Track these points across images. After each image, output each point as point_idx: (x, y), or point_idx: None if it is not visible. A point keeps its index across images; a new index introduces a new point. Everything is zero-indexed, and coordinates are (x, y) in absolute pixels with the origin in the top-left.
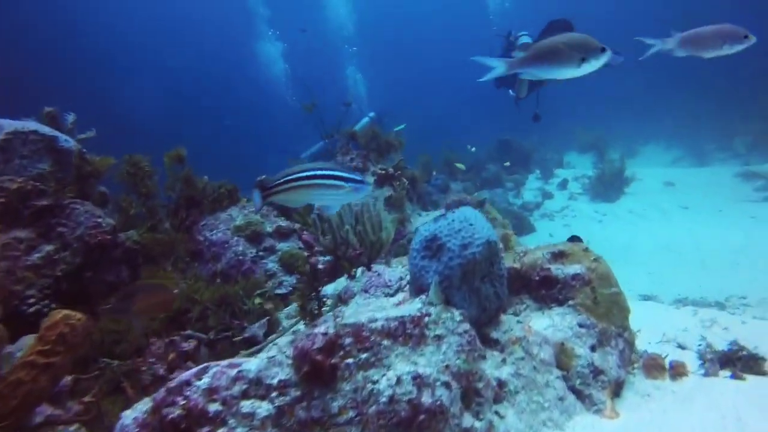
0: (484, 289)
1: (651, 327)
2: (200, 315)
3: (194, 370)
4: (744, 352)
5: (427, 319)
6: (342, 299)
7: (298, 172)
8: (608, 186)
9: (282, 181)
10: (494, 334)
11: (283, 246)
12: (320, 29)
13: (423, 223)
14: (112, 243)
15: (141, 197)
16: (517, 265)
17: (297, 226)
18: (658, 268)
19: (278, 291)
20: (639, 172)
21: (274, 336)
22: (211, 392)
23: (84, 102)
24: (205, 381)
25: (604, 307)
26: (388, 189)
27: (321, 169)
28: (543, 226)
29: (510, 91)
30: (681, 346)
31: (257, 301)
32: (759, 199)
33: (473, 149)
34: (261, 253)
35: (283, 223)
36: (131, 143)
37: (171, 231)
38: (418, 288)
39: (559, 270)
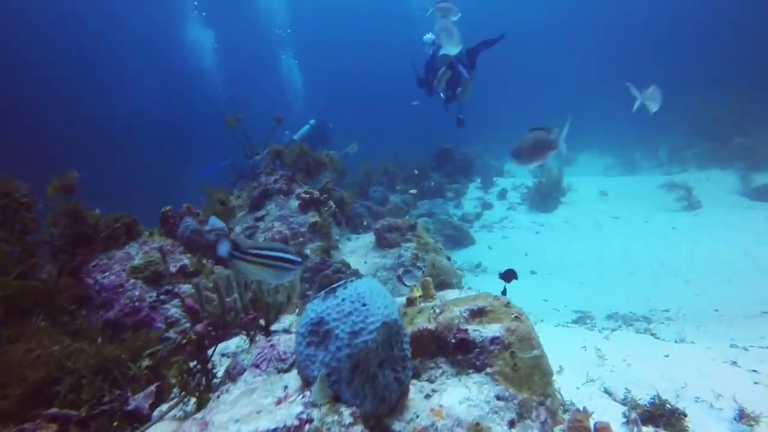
0: (383, 376)
1: (578, 363)
2: (73, 386)
3: None
4: (667, 407)
5: (308, 427)
6: (231, 375)
7: (268, 250)
8: (546, 196)
9: (254, 253)
10: (396, 426)
11: (188, 288)
12: (252, 17)
13: (311, 301)
14: None
15: (15, 234)
16: (431, 326)
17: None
18: (591, 280)
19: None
20: (575, 181)
21: (160, 411)
22: None
23: None
24: None
25: (525, 374)
26: (314, 215)
27: (284, 252)
28: (482, 238)
29: (441, 94)
30: (607, 391)
31: (145, 363)
32: (679, 209)
33: (416, 172)
34: (162, 297)
35: (188, 261)
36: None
37: (52, 275)
38: (304, 379)
39: (476, 332)
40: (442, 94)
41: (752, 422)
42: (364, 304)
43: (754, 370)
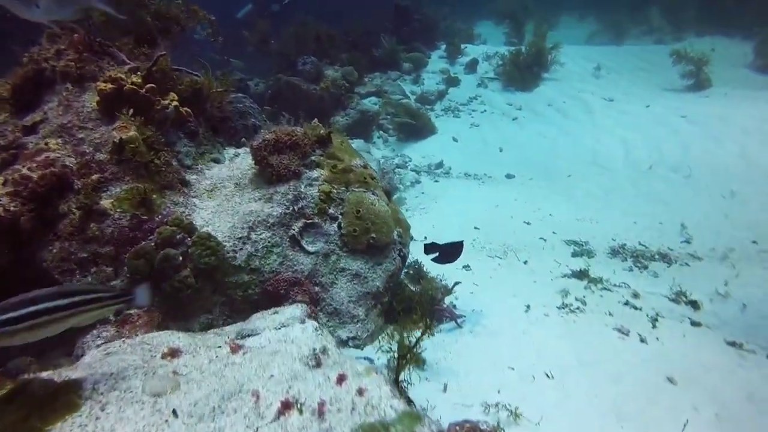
0: None
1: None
2: None
3: None
4: None
5: None
6: None
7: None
8: (525, 70)
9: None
10: None
11: None
12: None
13: None
14: None
15: None
16: None
17: None
18: (586, 189)
19: None
20: (556, 51)
21: None
22: None
23: None
24: None
25: None
26: (126, 123)
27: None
28: (445, 125)
29: None
30: None
31: None
32: (684, 89)
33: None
34: None
35: None
36: None
37: None
38: None
39: None
40: None
41: None
42: None
43: None
